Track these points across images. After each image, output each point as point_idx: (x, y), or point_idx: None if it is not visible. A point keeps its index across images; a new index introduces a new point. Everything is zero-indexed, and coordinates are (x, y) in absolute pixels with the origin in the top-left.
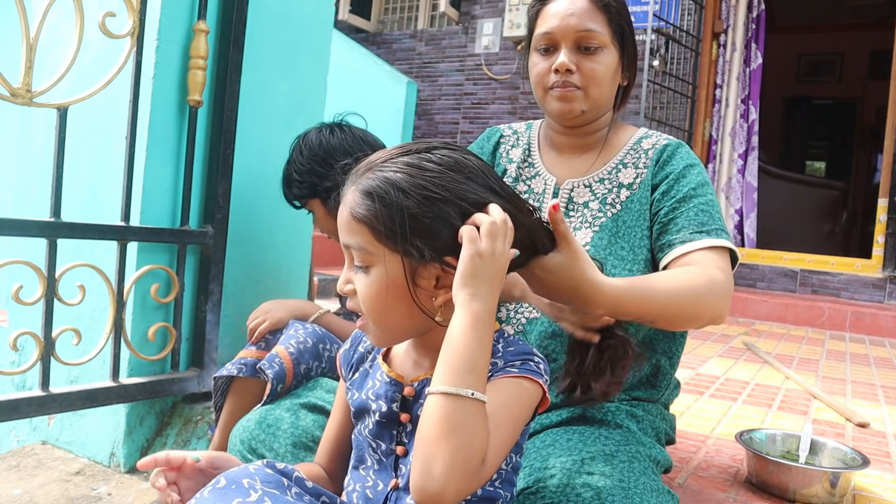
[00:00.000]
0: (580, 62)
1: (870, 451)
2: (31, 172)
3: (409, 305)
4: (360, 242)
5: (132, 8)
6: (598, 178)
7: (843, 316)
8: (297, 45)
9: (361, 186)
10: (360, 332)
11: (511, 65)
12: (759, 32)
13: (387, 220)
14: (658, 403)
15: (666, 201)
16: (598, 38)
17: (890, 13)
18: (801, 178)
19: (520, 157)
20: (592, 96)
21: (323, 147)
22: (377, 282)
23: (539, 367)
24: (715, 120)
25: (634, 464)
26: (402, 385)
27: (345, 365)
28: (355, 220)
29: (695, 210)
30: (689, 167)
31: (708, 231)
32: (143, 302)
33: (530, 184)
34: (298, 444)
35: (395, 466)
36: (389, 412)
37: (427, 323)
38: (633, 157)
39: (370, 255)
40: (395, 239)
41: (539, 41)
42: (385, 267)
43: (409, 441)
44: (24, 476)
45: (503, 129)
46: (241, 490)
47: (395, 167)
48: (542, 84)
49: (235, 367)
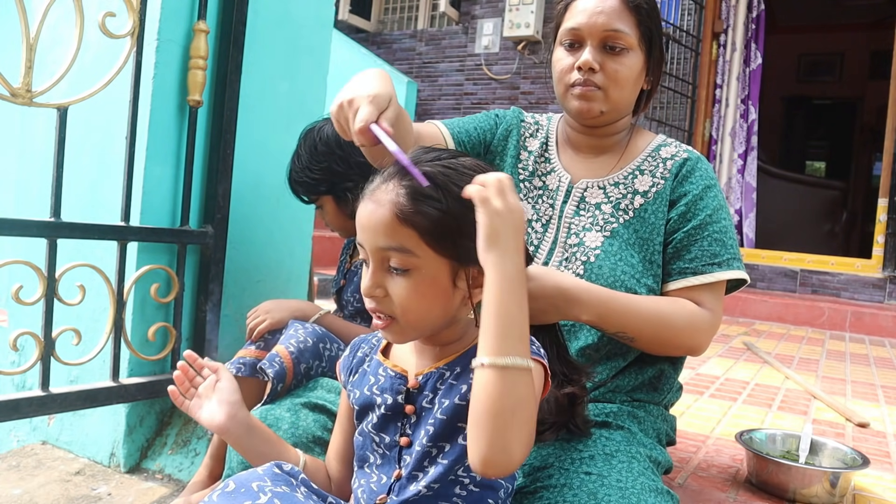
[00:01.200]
0: (604, 62)
1: (870, 451)
2: (31, 172)
3: (447, 306)
4: (404, 244)
5: (132, 8)
6: (613, 181)
7: (843, 316)
8: (297, 45)
9: (407, 187)
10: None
11: (511, 65)
12: (759, 32)
13: (438, 221)
14: (660, 406)
15: (682, 224)
16: (626, 39)
17: (890, 13)
18: (801, 178)
19: (538, 150)
20: (613, 98)
21: (340, 144)
22: (421, 284)
23: (540, 350)
24: (715, 120)
25: (633, 464)
26: (407, 378)
27: (344, 371)
28: (401, 221)
29: (709, 240)
30: (708, 189)
31: (719, 263)
32: (143, 302)
33: (545, 180)
34: (299, 443)
35: (398, 458)
36: (395, 404)
37: (449, 321)
38: (650, 164)
39: (414, 257)
40: (446, 241)
41: (565, 36)
42: (429, 269)
43: (413, 432)
44: (24, 476)
45: (526, 115)
46: (251, 493)
47: (435, 169)
48: (564, 80)
49: (234, 367)
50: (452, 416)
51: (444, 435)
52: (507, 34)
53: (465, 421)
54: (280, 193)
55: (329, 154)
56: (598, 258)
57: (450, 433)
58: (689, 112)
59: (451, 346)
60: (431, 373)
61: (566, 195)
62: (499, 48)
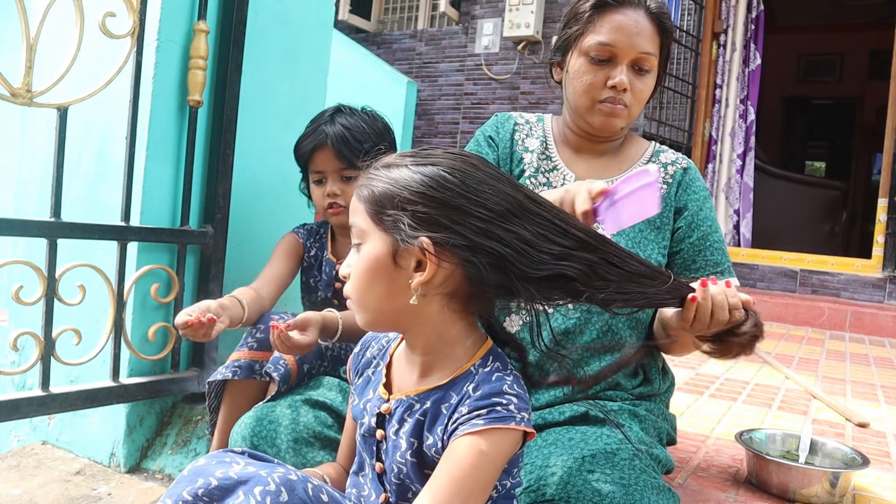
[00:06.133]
0: (632, 81)
1: (870, 451)
2: (31, 172)
3: (388, 286)
4: (359, 219)
5: (132, 8)
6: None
7: (842, 316)
8: (297, 45)
9: (374, 171)
10: (370, 337)
11: (511, 65)
12: (759, 33)
13: (380, 194)
14: (658, 398)
15: (689, 233)
16: (653, 61)
17: (890, 13)
18: (801, 178)
19: (538, 149)
20: (633, 115)
21: (381, 122)
22: (363, 258)
23: (508, 408)
24: (715, 120)
25: (635, 461)
26: (385, 401)
27: (353, 368)
28: (356, 198)
29: (710, 250)
30: (705, 200)
31: (722, 271)
32: (143, 302)
33: (549, 176)
34: (300, 439)
35: (380, 481)
36: (369, 427)
37: (405, 313)
38: None
39: (363, 232)
40: (386, 216)
41: (594, 49)
42: (373, 245)
43: (385, 458)
44: (24, 476)
45: (515, 116)
46: (230, 460)
47: (402, 161)
48: (592, 96)
49: (230, 371)
50: (417, 460)
51: (412, 477)
52: (507, 34)
53: (430, 469)
54: (280, 193)
55: (374, 131)
56: None
57: (419, 478)
58: (689, 112)
59: (433, 371)
60: (402, 400)
61: None
62: (499, 48)
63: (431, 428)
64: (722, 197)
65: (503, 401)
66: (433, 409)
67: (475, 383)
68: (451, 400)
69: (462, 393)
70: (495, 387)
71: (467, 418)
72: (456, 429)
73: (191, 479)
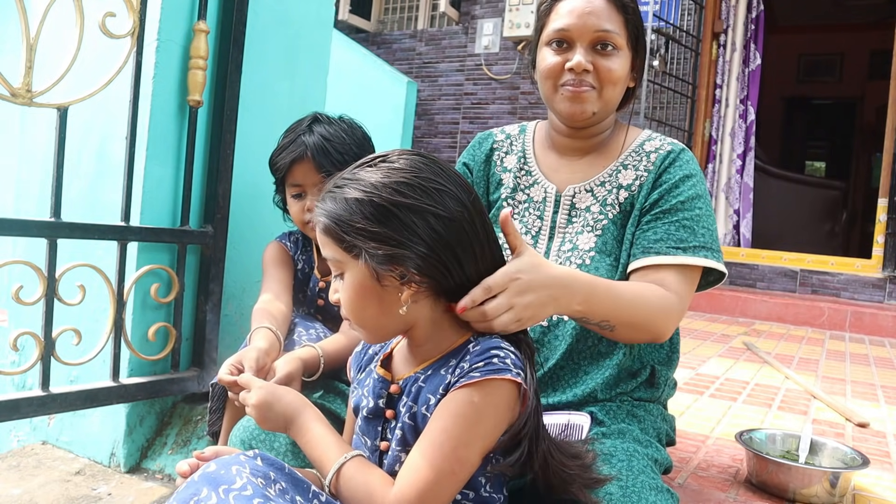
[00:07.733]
0: (596, 62)
1: (870, 451)
2: (31, 172)
3: (380, 304)
4: (330, 252)
5: (132, 8)
6: (599, 181)
7: (842, 316)
8: (297, 45)
9: (322, 203)
10: None
11: (511, 65)
12: (759, 33)
13: (343, 228)
14: (658, 402)
15: (652, 208)
16: (615, 39)
17: (890, 13)
18: (800, 178)
19: (515, 166)
20: (605, 97)
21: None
22: (349, 287)
23: (505, 361)
24: (715, 120)
25: (633, 462)
26: (389, 382)
27: (354, 365)
28: (322, 233)
29: (676, 224)
30: (686, 178)
31: (685, 248)
32: (143, 302)
33: (529, 192)
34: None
35: (379, 461)
36: (376, 408)
37: (404, 321)
38: (634, 158)
39: (340, 262)
40: (355, 248)
41: (552, 36)
42: (353, 273)
43: (393, 437)
44: (24, 476)
45: (495, 133)
46: (229, 476)
47: (353, 182)
48: (553, 79)
49: None
50: (418, 422)
51: (411, 440)
52: (507, 34)
53: None
54: None
55: (356, 142)
56: (593, 260)
57: (416, 439)
58: (689, 112)
59: (430, 351)
60: (409, 377)
61: (555, 205)
62: (499, 48)
63: (434, 391)
64: (722, 197)
65: (500, 353)
66: (435, 368)
67: (475, 343)
68: (450, 363)
69: (462, 353)
70: (493, 343)
71: (465, 371)
72: (456, 381)
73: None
